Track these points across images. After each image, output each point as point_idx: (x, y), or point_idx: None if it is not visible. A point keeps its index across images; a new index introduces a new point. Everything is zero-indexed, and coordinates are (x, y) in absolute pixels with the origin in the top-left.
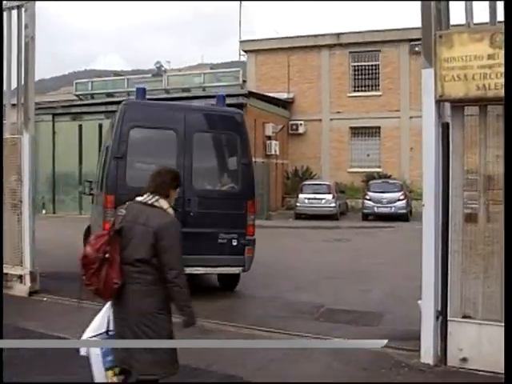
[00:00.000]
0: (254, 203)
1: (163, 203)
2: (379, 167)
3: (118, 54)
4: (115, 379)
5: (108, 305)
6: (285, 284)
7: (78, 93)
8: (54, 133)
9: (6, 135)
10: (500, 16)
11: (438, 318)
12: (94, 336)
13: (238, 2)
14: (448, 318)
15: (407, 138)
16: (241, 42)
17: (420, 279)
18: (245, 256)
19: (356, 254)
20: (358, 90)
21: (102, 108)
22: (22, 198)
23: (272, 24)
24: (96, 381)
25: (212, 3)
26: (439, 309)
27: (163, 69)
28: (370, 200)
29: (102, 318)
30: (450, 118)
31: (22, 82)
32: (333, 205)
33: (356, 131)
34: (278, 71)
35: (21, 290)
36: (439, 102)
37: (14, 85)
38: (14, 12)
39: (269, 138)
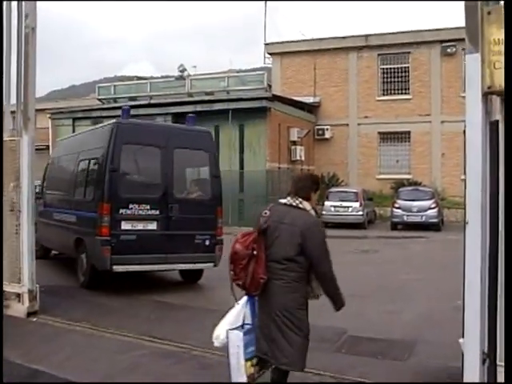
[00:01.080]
0: (222, 209)
1: (306, 205)
2: (409, 174)
3: (149, 61)
4: (252, 370)
5: (244, 300)
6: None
7: (100, 97)
8: None
9: (5, 138)
10: None
11: (484, 361)
12: (231, 329)
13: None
14: (498, 363)
15: (438, 143)
16: (266, 44)
17: (458, 298)
18: (216, 253)
19: (385, 267)
20: (387, 94)
21: None
22: (20, 207)
23: (298, 26)
24: (232, 370)
25: (243, 11)
26: (486, 350)
27: (186, 73)
28: (399, 208)
29: (239, 313)
30: (501, 114)
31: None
32: (360, 213)
33: (385, 136)
34: (303, 74)
35: (18, 310)
36: (487, 95)
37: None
38: (14, 3)
39: (294, 143)
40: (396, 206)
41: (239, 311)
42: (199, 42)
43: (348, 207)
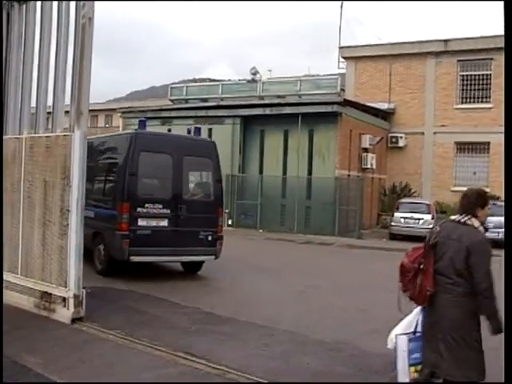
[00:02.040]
0: (223, 209)
1: (474, 222)
2: (487, 187)
3: (228, 65)
4: (416, 375)
5: (418, 309)
6: (360, 324)
7: (172, 98)
8: None
9: (57, 132)
10: None
11: None
12: (402, 334)
13: (346, 13)
14: None
15: None
16: (340, 48)
17: None
18: (217, 247)
19: None
20: (466, 102)
21: (192, 113)
22: (69, 207)
23: (374, 31)
24: (399, 372)
25: (323, 17)
26: None
27: (258, 76)
28: None
29: (412, 320)
30: None
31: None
32: (432, 226)
33: (462, 147)
34: (378, 80)
35: (63, 315)
36: None
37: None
38: None
39: (365, 150)
40: None
41: (412, 319)
42: (279, 47)
43: (419, 219)
